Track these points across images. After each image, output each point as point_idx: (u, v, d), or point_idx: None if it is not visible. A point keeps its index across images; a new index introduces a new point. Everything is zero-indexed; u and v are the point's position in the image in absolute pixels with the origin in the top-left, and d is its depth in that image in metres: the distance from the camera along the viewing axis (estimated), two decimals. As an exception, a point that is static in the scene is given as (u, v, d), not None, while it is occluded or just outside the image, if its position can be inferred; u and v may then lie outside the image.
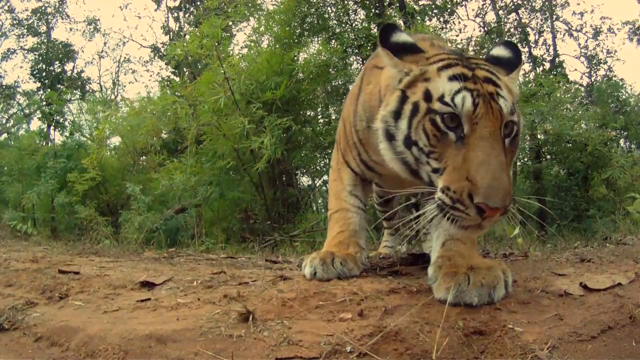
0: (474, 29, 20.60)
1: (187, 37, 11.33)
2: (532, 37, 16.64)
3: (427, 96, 1.88)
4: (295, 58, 8.41)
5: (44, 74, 19.87)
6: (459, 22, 15.45)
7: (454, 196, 1.72)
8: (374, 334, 1.62)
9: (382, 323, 1.68)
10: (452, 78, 1.86)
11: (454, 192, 1.72)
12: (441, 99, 1.84)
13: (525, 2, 16.66)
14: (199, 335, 1.74)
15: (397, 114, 1.95)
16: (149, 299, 2.24)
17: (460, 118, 1.80)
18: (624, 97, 12.63)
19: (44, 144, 14.03)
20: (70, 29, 26.58)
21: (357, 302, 1.80)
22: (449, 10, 14.28)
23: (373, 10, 10.38)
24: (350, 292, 1.93)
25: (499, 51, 2.23)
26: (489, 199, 1.64)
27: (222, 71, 7.44)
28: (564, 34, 17.28)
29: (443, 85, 1.86)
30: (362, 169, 2.62)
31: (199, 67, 11.74)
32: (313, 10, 9.39)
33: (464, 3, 15.36)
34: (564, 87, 11.09)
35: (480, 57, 2.12)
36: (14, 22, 20.35)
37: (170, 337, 1.74)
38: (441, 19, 14.27)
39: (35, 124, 19.48)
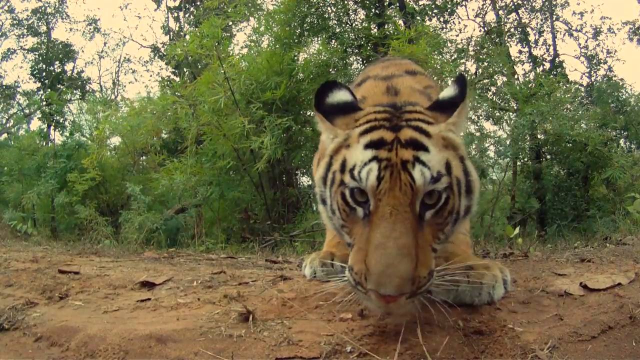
0: (474, 29, 20.61)
1: (187, 37, 11.34)
2: (532, 37, 16.64)
3: (342, 167, 1.74)
4: (295, 58, 8.42)
5: (44, 74, 19.91)
6: (459, 22, 15.48)
7: (356, 278, 1.59)
8: (375, 333, 1.63)
9: (383, 323, 1.68)
10: (368, 146, 1.69)
11: (355, 274, 1.59)
12: (351, 171, 1.68)
13: (525, 2, 16.67)
14: (199, 335, 1.74)
15: (324, 181, 1.84)
16: (149, 299, 2.24)
17: (367, 193, 1.63)
18: (624, 97, 12.60)
19: (44, 144, 14.05)
20: (70, 29, 26.67)
21: (357, 302, 1.80)
22: (449, 10, 14.30)
23: (373, 10, 10.41)
24: (350, 292, 1.93)
25: (445, 92, 1.96)
26: (379, 286, 1.48)
27: (222, 71, 7.45)
28: (564, 34, 17.27)
29: (357, 154, 1.70)
30: None
31: (199, 67, 11.75)
32: (313, 10, 9.41)
33: (464, 3, 15.36)
34: (564, 87, 11.09)
35: (418, 110, 1.87)
36: (14, 22, 20.36)
37: (171, 337, 1.74)
38: (441, 19, 14.29)
39: (35, 124, 19.55)
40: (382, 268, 1.48)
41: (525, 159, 11.48)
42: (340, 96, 1.90)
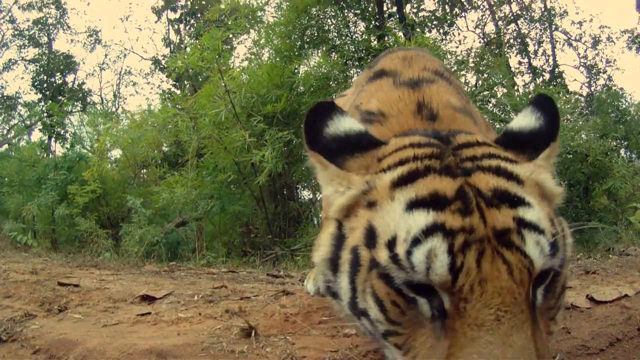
0: (474, 40, 20.70)
1: (188, 49, 11.38)
2: (531, 48, 16.75)
3: (370, 238, 1.08)
4: (296, 71, 8.44)
5: (45, 85, 20.03)
6: (459, 34, 15.57)
7: None
8: (380, 350, 1.60)
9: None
10: (414, 205, 1.03)
11: None
12: (390, 246, 1.02)
13: (524, 13, 16.79)
14: (200, 350, 1.71)
15: (333, 264, 1.17)
16: (149, 313, 2.22)
17: (432, 285, 0.99)
18: (623, 106, 12.66)
19: (45, 155, 14.06)
20: (72, 41, 26.87)
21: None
22: (448, 22, 14.39)
23: (373, 22, 10.45)
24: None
25: (522, 121, 1.31)
26: None
27: (223, 84, 7.46)
28: (563, 44, 17.40)
29: (396, 219, 1.04)
30: None
31: (200, 79, 11.79)
32: (313, 22, 9.44)
33: (463, 14, 15.48)
34: (564, 98, 11.12)
35: (482, 141, 1.22)
36: (16, 32, 20.51)
37: (171, 352, 1.71)
38: (441, 31, 14.38)
39: (36, 135, 19.61)
40: None
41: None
42: (346, 124, 1.24)
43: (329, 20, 10.16)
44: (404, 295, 1.01)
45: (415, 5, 13.96)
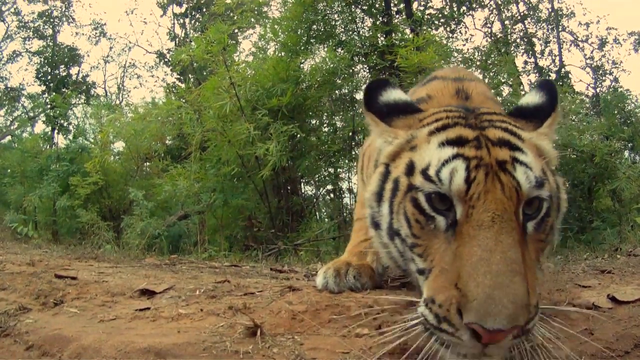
0: (482, 39, 20.61)
1: (193, 43, 11.32)
2: (538, 48, 16.66)
3: (409, 169, 1.48)
4: (302, 65, 8.36)
5: (49, 77, 20.02)
6: (466, 32, 15.46)
7: (440, 312, 1.25)
8: (395, 351, 1.48)
9: (403, 340, 1.55)
10: (444, 144, 1.45)
11: (439, 307, 1.25)
12: (425, 171, 1.41)
13: (531, 13, 16.70)
14: (202, 350, 1.60)
15: (378, 196, 1.58)
16: (148, 309, 2.11)
17: (451, 198, 1.36)
18: (629, 107, 12.57)
19: (48, 147, 14.00)
20: (76, 34, 26.83)
21: (374, 316, 1.67)
22: (456, 20, 14.28)
23: (380, 18, 10.35)
24: (364, 304, 1.80)
25: (528, 98, 1.76)
26: (485, 318, 1.13)
27: (228, 76, 7.37)
28: (570, 45, 17.30)
29: (430, 153, 1.45)
30: None
31: (204, 73, 11.72)
32: (320, 17, 9.35)
33: (470, 13, 15.37)
34: (570, 98, 11.04)
35: (498, 113, 1.65)
36: (20, 24, 20.49)
37: (170, 351, 1.61)
38: (448, 29, 14.28)
39: (40, 127, 19.57)
40: (488, 290, 1.15)
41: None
42: (396, 95, 1.69)
43: (335, 16, 10.08)
44: (425, 214, 1.39)
45: (422, 3, 13.87)
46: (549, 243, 1.49)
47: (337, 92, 9.55)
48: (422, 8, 13.63)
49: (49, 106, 16.03)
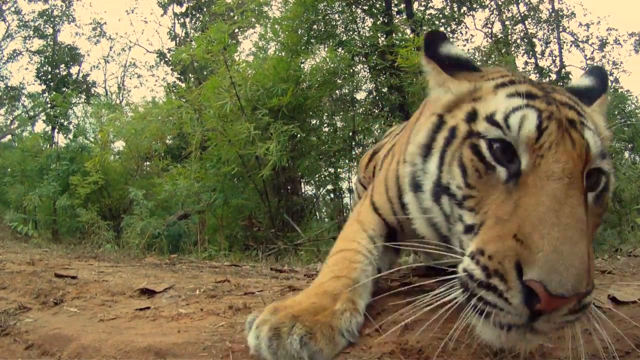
0: (483, 40, 20.58)
1: (194, 42, 11.32)
2: (538, 48, 16.64)
3: (471, 116, 1.39)
4: (302, 65, 8.35)
5: (49, 76, 19.99)
6: (467, 32, 15.45)
7: (490, 265, 1.11)
8: (395, 352, 1.48)
9: (403, 339, 1.54)
10: (513, 95, 1.36)
11: (489, 258, 1.12)
12: (490, 117, 1.33)
13: (532, 13, 16.68)
14: (202, 350, 1.59)
15: (426, 149, 1.46)
16: (148, 308, 2.11)
17: (516, 147, 1.26)
18: (630, 108, 12.56)
19: (48, 146, 14.00)
20: (77, 33, 26.81)
21: (374, 315, 1.67)
22: (456, 20, 14.26)
23: (381, 18, 10.34)
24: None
25: (579, 81, 1.74)
26: (550, 276, 1.01)
27: (229, 76, 7.37)
28: (570, 45, 17.28)
29: (497, 102, 1.36)
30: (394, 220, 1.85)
31: (205, 73, 11.73)
32: (320, 17, 9.35)
33: (471, 13, 15.35)
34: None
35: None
36: (21, 23, 20.48)
37: (170, 351, 1.60)
38: (448, 29, 14.25)
39: (40, 126, 19.56)
40: (555, 243, 1.03)
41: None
42: (457, 50, 1.64)
43: (336, 16, 10.08)
44: (485, 162, 1.29)
45: (423, 3, 13.85)
46: (602, 222, 1.43)
47: (337, 92, 9.55)
48: (422, 8, 13.61)
49: (49, 105, 16.04)
